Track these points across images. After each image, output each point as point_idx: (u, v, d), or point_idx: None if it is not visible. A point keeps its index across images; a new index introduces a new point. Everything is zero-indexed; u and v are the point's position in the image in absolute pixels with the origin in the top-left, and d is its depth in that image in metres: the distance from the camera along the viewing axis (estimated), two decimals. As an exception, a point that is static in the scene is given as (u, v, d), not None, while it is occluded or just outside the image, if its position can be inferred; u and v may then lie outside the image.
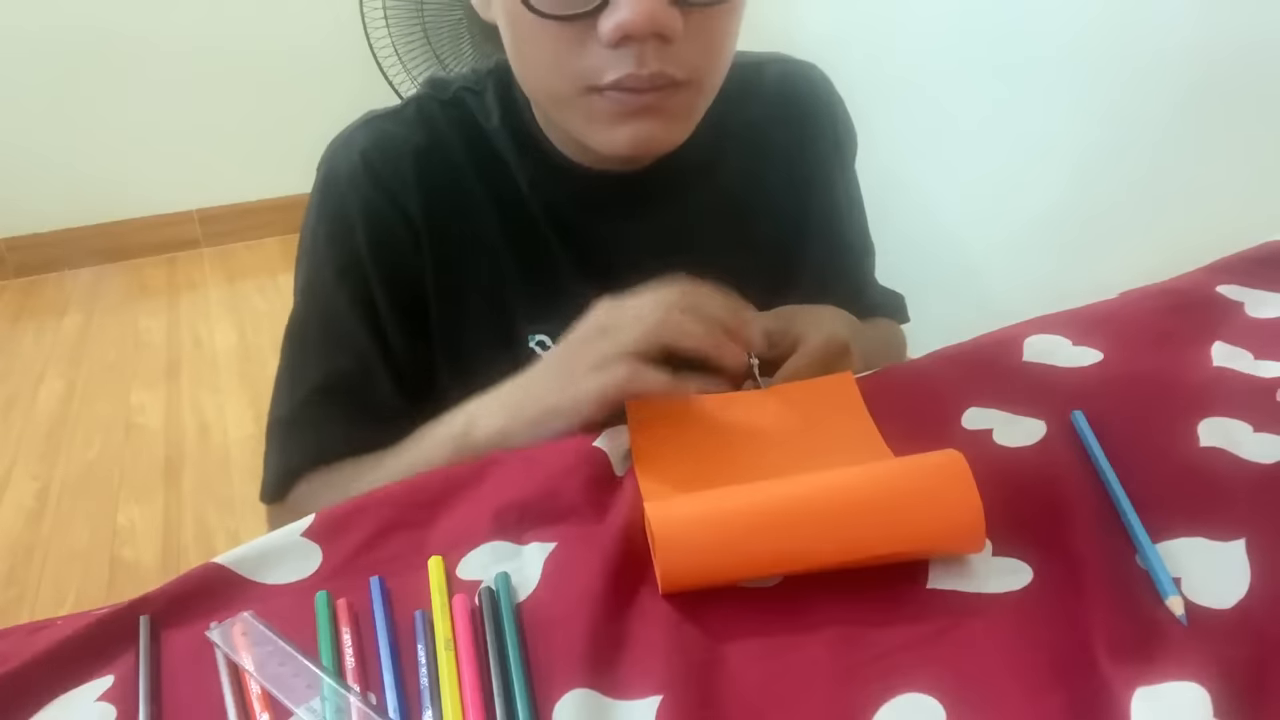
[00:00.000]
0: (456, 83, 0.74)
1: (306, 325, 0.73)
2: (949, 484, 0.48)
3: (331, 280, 0.71)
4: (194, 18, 2.72)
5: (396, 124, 0.72)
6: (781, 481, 0.50)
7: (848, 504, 0.48)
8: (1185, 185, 1.37)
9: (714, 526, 0.48)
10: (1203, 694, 0.40)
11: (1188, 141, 1.35)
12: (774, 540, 0.47)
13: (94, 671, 0.44)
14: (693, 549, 0.47)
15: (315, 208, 0.72)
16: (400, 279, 0.70)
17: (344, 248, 0.70)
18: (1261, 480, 0.53)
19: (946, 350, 0.67)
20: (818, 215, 0.81)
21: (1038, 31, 1.56)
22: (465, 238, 0.71)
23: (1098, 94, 1.47)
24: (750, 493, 0.49)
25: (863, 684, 0.42)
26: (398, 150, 0.70)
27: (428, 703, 0.42)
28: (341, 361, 0.71)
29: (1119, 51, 1.42)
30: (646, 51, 0.58)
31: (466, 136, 0.72)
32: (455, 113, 0.72)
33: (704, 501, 0.49)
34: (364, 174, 0.69)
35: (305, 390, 0.71)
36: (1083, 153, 1.53)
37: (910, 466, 0.51)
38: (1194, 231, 1.35)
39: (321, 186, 0.72)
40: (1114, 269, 0.90)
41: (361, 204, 0.69)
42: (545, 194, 0.72)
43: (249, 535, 0.63)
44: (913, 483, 0.49)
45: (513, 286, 0.72)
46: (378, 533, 0.52)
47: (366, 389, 0.71)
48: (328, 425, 0.70)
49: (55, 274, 2.86)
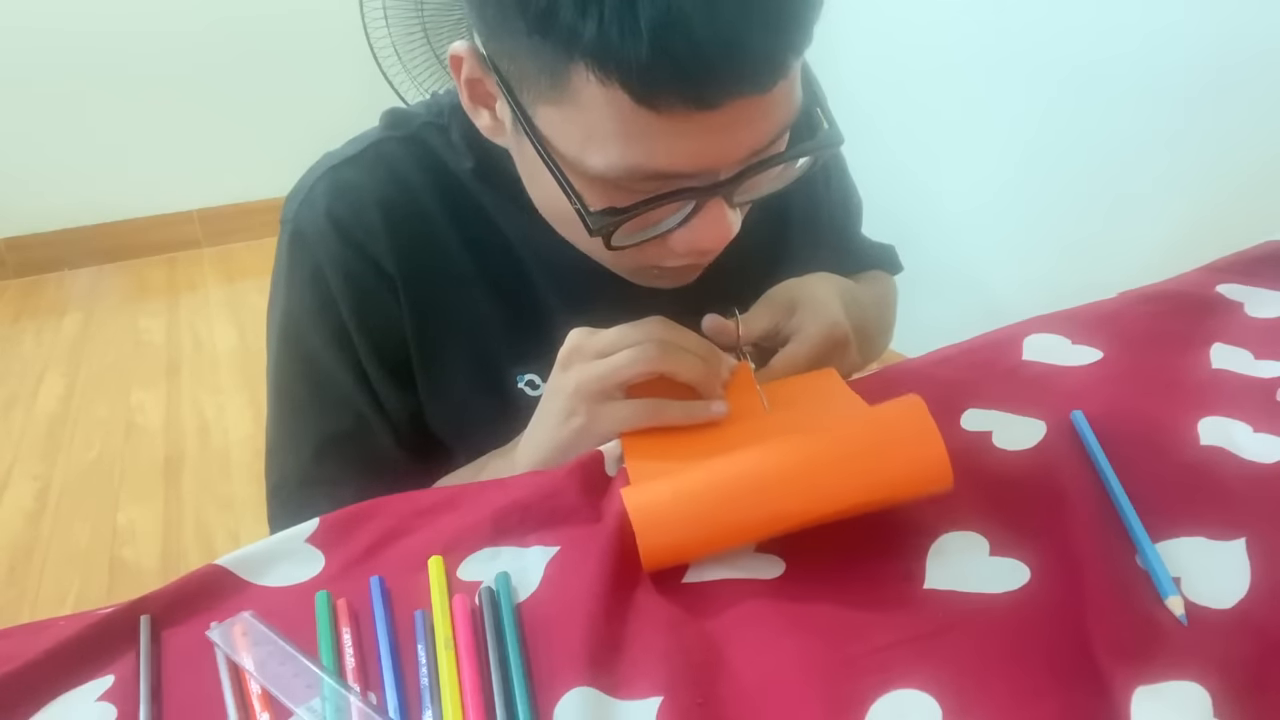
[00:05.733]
0: (418, 117, 0.70)
1: (297, 388, 0.71)
2: (909, 425, 0.49)
3: (315, 341, 0.69)
4: (194, 17, 2.72)
5: (357, 172, 0.68)
6: (750, 449, 0.51)
7: (812, 460, 0.50)
8: (1185, 185, 1.37)
9: (687, 500, 0.49)
10: (1203, 693, 0.40)
11: (1188, 141, 1.35)
12: (746, 505, 0.49)
13: (94, 671, 0.44)
14: (668, 524, 0.48)
15: (286, 270, 0.69)
16: (382, 332, 0.68)
17: (327, 311, 0.68)
18: (1261, 480, 0.53)
19: (946, 350, 0.67)
20: (799, 188, 0.79)
21: (1039, 31, 1.56)
22: (442, 283, 0.69)
23: (1098, 94, 1.47)
24: (720, 464, 0.51)
25: (860, 679, 0.42)
26: (363, 202, 0.67)
27: (428, 703, 0.42)
28: (341, 422, 0.70)
29: (1119, 51, 1.42)
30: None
31: (434, 179, 0.68)
32: (418, 152, 0.69)
33: (676, 479, 0.51)
34: (332, 232, 0.67)
35: (310, 450, 0.70)
36: (1083, 153, 1.53)
37: (870, 416, 0.53)
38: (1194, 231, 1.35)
39: (289, 247, 0.69)
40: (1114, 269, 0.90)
41: (333, 263, 0.67)
42: (529, 238, 0.69)
43: (249, 535, 0.63)
44: (874, 432, 0.51)
45: (495, 328, 0.70)
46: (381, 538, 0.52)
47: (369, 445, 0.70)
48: (338, 484, 0.68)
49: (55, 274, 2.86)
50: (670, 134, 0.49)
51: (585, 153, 0.51)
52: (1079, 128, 1.52)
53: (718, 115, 0.48)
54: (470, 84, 0.58)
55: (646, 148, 0.50)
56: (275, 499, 0.72)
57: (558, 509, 0.53)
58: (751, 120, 0.51)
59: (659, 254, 0.58)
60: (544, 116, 0.52)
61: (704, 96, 0.47)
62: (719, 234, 0.55)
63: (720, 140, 0.51)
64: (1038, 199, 1.64)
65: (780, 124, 0.53)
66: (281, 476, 0.72)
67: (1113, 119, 1.46)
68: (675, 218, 0.55)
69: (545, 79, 0.50)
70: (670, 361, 0.56)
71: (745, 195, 0.56)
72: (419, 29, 2.21)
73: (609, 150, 0.50)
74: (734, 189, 0.54)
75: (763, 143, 0.53)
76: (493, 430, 0.67)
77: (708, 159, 0.52)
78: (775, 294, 0.67)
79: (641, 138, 0.49)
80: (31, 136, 2.70)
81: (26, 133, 2.69)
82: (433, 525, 0.53)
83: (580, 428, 0.57)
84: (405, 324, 0.69)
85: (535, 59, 0.50)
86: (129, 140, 2.79)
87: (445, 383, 0.71)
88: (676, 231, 0.55)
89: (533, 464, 0.60)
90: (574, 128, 0.51)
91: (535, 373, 0.70)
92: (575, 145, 0.52)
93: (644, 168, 0.51)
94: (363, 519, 0.53)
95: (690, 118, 0.48)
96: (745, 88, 0.48)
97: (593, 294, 0.66)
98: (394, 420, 0.70)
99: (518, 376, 0.70)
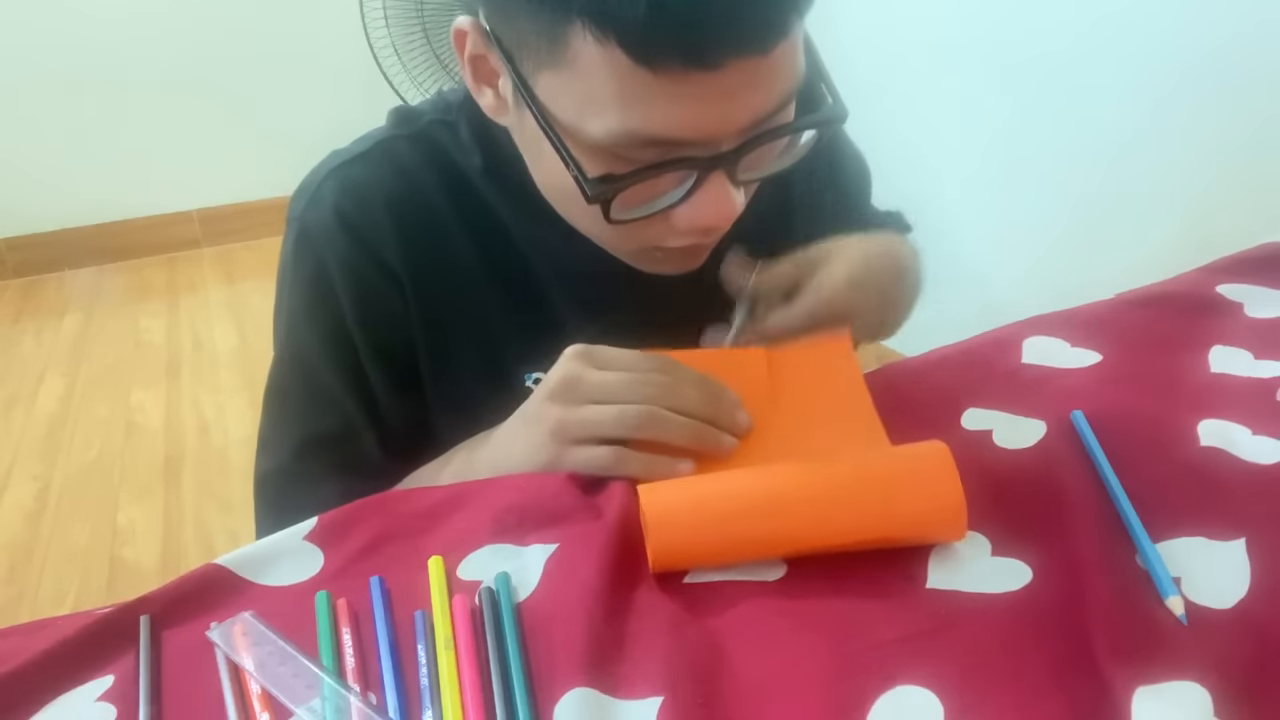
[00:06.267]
0: (425, 114, 0.70)
1: (289, 384, 0.71)
2: (933, 474, 0.49)
3: (309, 340, 0.69)
4: (194, 17, 2.72)
5: (365, 169, 0.68)
6: (770, 467, 0.51)
7: (833, 492, 0.49)
8: (1185, 185, 1.37)
9: (701, 507, 0.49)
10: (1203, 693, 0.40)
11: (1188, 141, 1.35)
12: (759, 523, 0.49)
13: (94, 671, 0.44)
14: (681, 528, 0.48)
15: (291, 266, 0.69)
16: (386, 333, 0.68)
17: (326, 309, 0.67)
18: (1261, 480, 0.53)
19: (945, 350, 0.67)
20: (802, 177, 0.76)
21: (1039, 30, 1.56)
22: (450, 281, 0.68)
23: (1098, 93, 1.47)
24: (739, 477, 0.51)
25: (861, 679, 0.42)
26: (370, 199, 0.66)
27: (428, 703, 0.42)
28: (325, 423, 0.69)
29: (1120, 51, 1.42)
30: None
31: (442, 176, 0.68)
32: (425, 149, 0.68)
33: (692, 484, 0.51)
34: (339, 229, 0.66)
35: (291, 447, 0.70)
36: (1083, 152, 1.53)
37: (895, 456, 0.52)
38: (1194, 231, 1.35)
39: (295, 244, 0.68)
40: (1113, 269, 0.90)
41: (340, 261, 0.66)
42: (537, 235, 0.68)
43: (249, 535, 0.63)
44: (897, 472, 0.50)
45: (503, 326, 0.70)
46: (380, 536, 0.52)
47: (351, 449, 0.69)
48: (320, 482, 0.68)
49: (55, 274, 2.86)
50: (669, 97, 0.49)
51: (584, 118, 0.51)
52: (1079, 127, 1.52)
53: (717, 78, 0.48)
54: (474, 61, 0.57)
55: (644, 111, 0.49)
56: (260, 490, 0.72)
57: (557, 508, 0.53)
58: (752, 85, 0.50)
59: (662, 233, 0.57)
60: (544, 85, 0.52)
61: (702, 56, 0.47)
62: (721, 210, 0.54)
63: (720, 106, 0.50)
64: (1037, 198, 1.64)
65: (782, 93, 0.52)
66: (266, 469, 0.72)
67: (1113, 118, 1.46)
68: (677, 192, 0.54)
69: (544, 43, 0.50)
70: (657, 429, 0.54)
71: (748, 172, 0.56)
72: (419, 29, 2.21)
73: (607, 115, 0.50)
74: (736, 161, 0.53)
75: (764, 111, 0.52)
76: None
77: (708, 126, 0.51)
78: (807, 250, 0.64)
79: (639, 101, 0.49)
80: (31, 136, 2.70)
81: (26, 133, 2.69)
82: (432, 525, 0.53)
83: (545, 464, 0.56)
84: (412, 322, 0.68)
85: (534, 22, 0.49)
86: (129, 140, 2.79)
87: (452, 381, 0.70)
88: (678, 208, 0.54)
89: (493, 474, 0.59)
90: (572, 93, 0.51)
91: (543, 371, 0.69)
92: (574, 112, 0.51)
93: (642, 132, 0.50)
94: (362, 518, 0.53)
95: (689, 79, 0.48)
96: (745, 48, 0.48)
97: (601, 293, 0.65)
98: (386, 424, 0.70)
99: (525, 375, 0.70)
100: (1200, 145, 1.33)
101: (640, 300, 0.61)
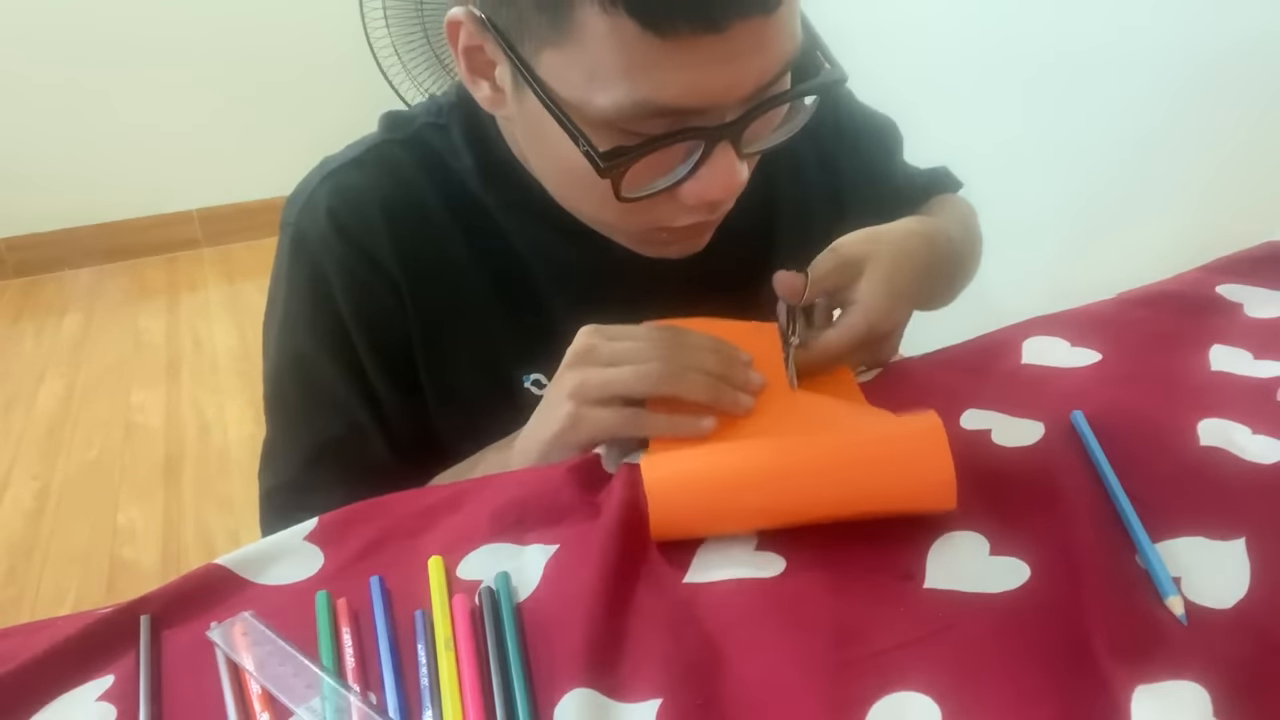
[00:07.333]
0: (417, 118, 0.70)
1: (289, 392, 0.71)
2: (924, 446, 0.50)
3: (310, 345, 0.69)
4: (194, 17, 2.72)
5: (359, 174, 0.68)
6: (770, 439, 0.53)
7: (826, 460, 0.51)
8: (1185, 185, 1.37)
9: (702, 477, 0.51)
10: (1203, 693, 0.40)
11: (1188, 141, 1.35)
12: (756, 492, 0.50)
13: (94, 671, 0.45)
14: (681, 497, 0.50)
15: (286, 272, 0.69)
16: (385, 337, 0.68)
17: (325, 311, 0.67)
18: (1261, 480, 0.53)
19: (945, 351, 0.67)
20: (811, 157, 0.76)
21: (1037, 30, 1.56)
22: (446, 284, 0.68)
23: (1097, 93, 1.47)
24: (739, 447, 0.53)
25: (859, 681, 0.42)
26: (364, 203, 0.67)
27: (428, 703, 0.42)
28: (332, 428, 0.69)
29: (1120, 51, 1.42)
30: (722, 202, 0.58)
31: (435, 179, 0.68)
32: (418, 153, 0.68)
33: (694, 454, 0.52)
34: (334, 234, 0.66)
35: (301, 458, 0.70)
36: (1082, 152, 1.53)
37: (889, 426, 0.54)
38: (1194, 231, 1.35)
39: (291, 250, 0.68)
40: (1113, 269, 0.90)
41: (337, 266, 0.66)
42: (532, 236, 0.69)
43: (249, 535, 0.63)
44: (890, 443, 0.52)
45: (500, 327, 0.70)
46: (380, 536, 0.52)
47: (361, 452, 0.69)
48: (331, 493, 0.66)
49: (55, 274, 2.85)
50: (677, 64, 0.49)
51: (590, 93, 0.51)
52: (1078, 126, 1.52)
53: (724, 40, 0.49)
54: (468, 52, 0.57)
55: (653, 80, 0.50)
56: (268, 504, 0.72)
57: (556, 507, 0.53)
58: (758, 46, 0.51)
59: (668, 211, 0.58)
60: (546, 64, 0.52)
61: (711, 17, 0.48)
62: (728, 183, 0.55)
63: (727, 70, 0.51)
64: (1037, 199, 1.64)
65: (784, 55, 0.53)
66: (274, 483, 0.71)
67: (1112, 118, 1.46)
68: (684, 167, 0.55)
69: (546, 19, 0.50)
70: (675, 384, 0.55)
71: (752, 144, 0.56)
72: (419, 29, 2.21)
73: (615, 87, 0.50)
74: (741, 131, 0.54)
75: (768, 74, 0.53)
76: (500, 430, 0.67)
77: (715, 91, 0.51)
78: (847, 247, 0.63)
79: (648, 69, 0.49)
80: (31, 136, 2.70)
81: (26, 133, 2.69)
82: (432, 524, 0.53)
83: (564, 427, 0.56)
84: (409, 325, 0.68)
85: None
86: (129, 140, 2.79)
87: (451, 383, 0.70)
88: (685, 183, 0.55)
89: (526, 463, 0.60)
90: (578, 69, 0.51)
91: (541, 371, 0.70)
92: (579, 88, 0.51)
93: (651, 102, 0.50)
94: (362, 518, 0.53)
95: (697, 43, 0.48)
96: (751, 8, 0.49)
97: (597, 292, 0.65)
98: (392, 425, 0.70)
99: (524, 376, 0.70)
100: (1200, 145, 1.33)
101: (637, 298, 0.61)
